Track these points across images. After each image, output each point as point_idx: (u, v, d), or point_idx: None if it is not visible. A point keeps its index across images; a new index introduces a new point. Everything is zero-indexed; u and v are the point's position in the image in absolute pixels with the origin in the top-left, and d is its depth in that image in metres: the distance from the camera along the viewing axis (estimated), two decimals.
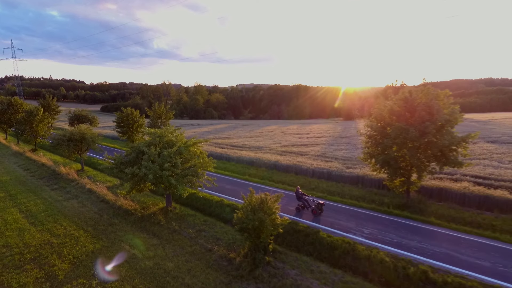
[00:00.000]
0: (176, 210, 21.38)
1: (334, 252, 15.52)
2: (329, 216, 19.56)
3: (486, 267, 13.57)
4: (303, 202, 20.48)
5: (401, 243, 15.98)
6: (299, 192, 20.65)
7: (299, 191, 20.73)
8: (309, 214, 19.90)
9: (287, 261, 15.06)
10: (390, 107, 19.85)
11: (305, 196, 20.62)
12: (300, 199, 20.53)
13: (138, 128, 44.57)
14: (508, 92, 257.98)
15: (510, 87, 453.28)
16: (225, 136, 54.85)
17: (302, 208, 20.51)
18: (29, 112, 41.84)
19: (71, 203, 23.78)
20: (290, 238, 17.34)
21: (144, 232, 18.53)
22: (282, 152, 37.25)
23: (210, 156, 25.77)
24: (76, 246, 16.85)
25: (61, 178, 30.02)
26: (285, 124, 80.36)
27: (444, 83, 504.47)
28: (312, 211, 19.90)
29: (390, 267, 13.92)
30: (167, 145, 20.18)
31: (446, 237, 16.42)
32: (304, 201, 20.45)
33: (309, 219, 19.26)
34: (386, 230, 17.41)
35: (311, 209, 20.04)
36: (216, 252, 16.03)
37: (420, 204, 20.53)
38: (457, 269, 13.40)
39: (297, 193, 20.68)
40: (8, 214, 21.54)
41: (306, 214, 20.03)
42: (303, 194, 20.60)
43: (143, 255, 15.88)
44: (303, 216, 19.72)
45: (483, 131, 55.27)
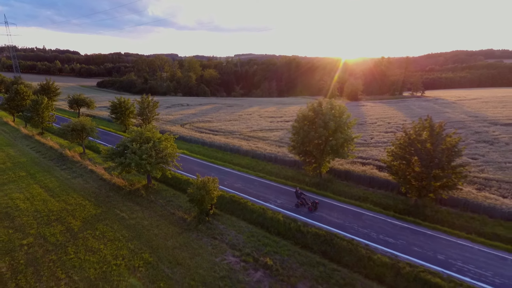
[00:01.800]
0: (155, 186, 29.58)
1: (253, 214, 23.80)
2: (259, 190, 27.78)
3: (338, 224, 21.95)
4: (301, 200, 24.05)
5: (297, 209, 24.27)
6: (298, 192, 24.26)
7: (298, 191, 24.27)
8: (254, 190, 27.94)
9: (221, 220, 23.42)
10: (305, 113, 27.29)
11: (303, 195, 24.18)
12: (299, 197, 24.05)
13: (130, 114, 51.69)
14: (498, 67, 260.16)
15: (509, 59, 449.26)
16: (207, 119, 62.20)
17: (300, 205, 24.03)
18: (35, 101, 48.79)
19: (77, 180, 31.90)
20: (229, 206, 25.54)
21: (130, 202, 26.79)
22: (249, 137, 45.01)
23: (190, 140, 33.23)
24: (84, 211, 25.15)
25: (67, 160, 37.94)
26: (266, 105, 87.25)
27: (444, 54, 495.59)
28: (308, 208, 23.69)
29: (285, 224, 22.18)
30: (146, 140, 27.86)
31: (338, 208, 24.52)
32: (302, 199, 24.01)
33: (244, 192, 27.41)
34: (293, 200, 25.60)
35: (308, 206, 23.75)
36: (177, 215, 24.36)
37: (329, 183, 28.69)
38: (326, 227, 21.77)
39: (297, 192, 24.29)
40: (32, 189, 29.69)
41: (251, 189, 28.15)
42: (301, 194, 24.20)
43: (129, 217, 24.22)
44: (247, 192, 27.83)
45: (436, 114, 62.65)
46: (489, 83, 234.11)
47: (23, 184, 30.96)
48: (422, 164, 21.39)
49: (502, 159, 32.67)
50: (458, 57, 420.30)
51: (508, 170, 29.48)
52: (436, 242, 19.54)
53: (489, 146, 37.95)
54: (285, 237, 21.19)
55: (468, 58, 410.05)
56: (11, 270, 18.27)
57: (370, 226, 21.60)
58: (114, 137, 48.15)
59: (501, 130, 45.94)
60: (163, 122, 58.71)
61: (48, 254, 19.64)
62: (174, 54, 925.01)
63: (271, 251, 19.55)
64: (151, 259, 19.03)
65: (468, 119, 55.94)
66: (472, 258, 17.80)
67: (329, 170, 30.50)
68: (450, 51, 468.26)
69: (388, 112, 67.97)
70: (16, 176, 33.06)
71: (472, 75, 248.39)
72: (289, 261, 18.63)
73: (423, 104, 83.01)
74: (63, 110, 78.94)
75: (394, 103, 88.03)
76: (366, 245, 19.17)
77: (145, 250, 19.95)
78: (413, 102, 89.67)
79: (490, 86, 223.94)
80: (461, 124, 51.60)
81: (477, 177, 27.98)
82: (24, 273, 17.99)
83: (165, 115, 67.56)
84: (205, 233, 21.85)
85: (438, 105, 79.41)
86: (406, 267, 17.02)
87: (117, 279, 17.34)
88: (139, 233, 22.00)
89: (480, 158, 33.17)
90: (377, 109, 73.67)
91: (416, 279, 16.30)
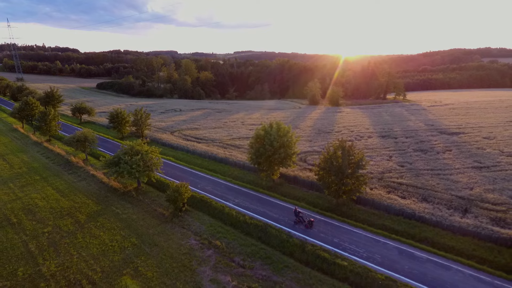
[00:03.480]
0: (143, 189, 37.52)
1: (215, 210, 31.69)
2: (223, 192, 35.68)
3: (275, 217, 29.89)
4: (298, 218, 27.82)
5: (252, 207, 32.22)
6: (296, 211, 28.20)
7: (296, 210, 28.18)
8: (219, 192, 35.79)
9: (190, 215, 31.38)
10: (259, 132, 35.06)
11: (301, 214, 28.03)
12: (297, 216, 27.84)
13: (125, 124, 59.53)
14: (487, 69, 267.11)
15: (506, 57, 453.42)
16: (195, 126, 69.99)
17: (298, 222, 27.68)
18: (43, 113, 56.57)
19: (82, 183, 39.81)
20: (199, 204, 33.40)
21: (123, 201, 34.71)
22: (226, 145, 52.91)
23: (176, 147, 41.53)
24: (87, 208, 33.10)
25: (73, 165, 45.81)
26: (253, 111, 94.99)
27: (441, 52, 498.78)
28: (305, 225, 27.37)
29: (236, 217, 30.08)
30: (135, 153, 35.71)
31: (279, 206, 32.47)
32: (300, 217, 27.74)
33: (212, 194, 35.27)
34: (249, 201, 33.50)
35: (305, 224, 27.39)
36: (158, 211, 32.31)
37: (279, 186, 36.63)
38: (264, 219, 29.72)
39: (295, 211, 28.18)
40: (46, 190, 37.62)
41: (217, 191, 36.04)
42: (299, 212, 28.22)
43: (122, 212, 32.16)
44: (214, 193, 35.69)
45: (399, 122, 70.43)
46: (478, 84, 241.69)
47: (39, 186, 38.90)
48: (335, 174, 29.26)
49: (423, 166, 40.63)
50: (454, 55, 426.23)
51: (422, 176, 37.43)
52: (338, 230, 27.52)
53: (422, 154, 45.86)
54: (235, 227, 29.15)
55: (464, 57, 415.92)
56: (38, 249, 26.23)
57: None
58: (112, 144, 55.96)
59: (443, 139, 53.83)
60: (155, 129, 66.47)
61: (63, 239, 27.61)
62: (174, 51, 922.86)
63: (222, 236, 27.53)
64: (136, 242, 27.00)
65: (423, 128, 63.78)
66: (356, 241, 25.78)
67: (282, 175, 38.47)
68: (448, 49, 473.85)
69: (358, 119, 75.78)
70: (32, 179, 40.99)
71: (462, 76, 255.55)
72: (233, 243, 26.61)
73: (395, 110, 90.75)
74: (66, 116, 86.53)
75: (370, 109, 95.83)
76: (288, 233, 27.11)
77: (132, 236, 27.92)
78: (387, 108, 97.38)
79: (479, 87, 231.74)
80: (413, 133, 59.43)
81: (394, 182, 35.91)
82: (47, 251, 25.95)
83: (158, 122, 75.36)
84: (177, 224, 29.83)
85: (407, 112, 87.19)
86: (309, 246, 24.99)
87: (112, 255, 25.31)
88: (129, 224, 29.96)
89: (406, 166, 41.12)
90: (350, 116, 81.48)
91: (314, 254, 24.25)
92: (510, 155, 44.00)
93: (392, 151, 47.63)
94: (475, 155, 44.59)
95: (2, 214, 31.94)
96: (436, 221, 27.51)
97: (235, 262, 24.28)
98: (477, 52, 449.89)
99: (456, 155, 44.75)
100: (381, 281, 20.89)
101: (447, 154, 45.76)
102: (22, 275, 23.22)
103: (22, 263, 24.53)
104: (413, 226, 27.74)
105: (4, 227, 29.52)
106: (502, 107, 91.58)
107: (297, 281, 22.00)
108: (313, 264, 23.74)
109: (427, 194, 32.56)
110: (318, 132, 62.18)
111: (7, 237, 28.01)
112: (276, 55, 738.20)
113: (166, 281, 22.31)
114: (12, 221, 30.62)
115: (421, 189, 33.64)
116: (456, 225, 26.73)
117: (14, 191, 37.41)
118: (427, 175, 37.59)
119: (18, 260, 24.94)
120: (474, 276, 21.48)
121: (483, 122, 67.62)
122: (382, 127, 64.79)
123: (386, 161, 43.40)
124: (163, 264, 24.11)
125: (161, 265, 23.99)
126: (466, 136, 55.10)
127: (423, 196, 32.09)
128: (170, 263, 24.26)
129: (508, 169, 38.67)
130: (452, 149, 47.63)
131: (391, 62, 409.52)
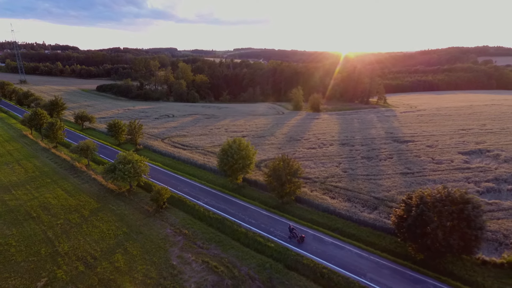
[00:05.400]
0: (134, 190, 47.05)
1: (188, 207, 41.21)
2: (197, 193, 45.19)
3: (232, 213, 39.45)
4: (292, 234, 32.93)
5: (216, 205, 41.76)
6: (290, 228, 33.48)
7: (290, 227, 33.37)
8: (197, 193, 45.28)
9: (169, 211, 40.92)
10: (224, 146, 44.42)
11: (294, 231, 33.07)
12: (291, 232, 32.99)
13: (122, 132, 68.97)
14: (474, 71, 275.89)
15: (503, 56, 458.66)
16: (184, 133, 79.38)
17: (292, 237, 32.72)
18: (51, 123, 65.99)
19: (85, 185, 49.34)
20: (176, 203, 42.87)
21: (118, 200, 44.24)
22: (207, 152, 62.38)
23: (165, 154, 51.30)
24: (90, 205, 42.67)
25: (77, 170, 55.30)
26: (239, 116, 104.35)
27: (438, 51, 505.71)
28: (297, 240, 32.45)
29: (203, 213, 39.60)
30: (128, 162, 45.16)
31: (237, 204, 41.99)
32: (294, 233, 32.84)
33: (188, 194, 44.77)
34: (215, 200, 43.03)
35: (297, 239, 32.41)
36: (144, 208, 41.88)
37: (242, 188, 46.14)
38: (224, 214, 39.28)
39: (289, 228, 33.49)
40: (57, 191, 47.14)
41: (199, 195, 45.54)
42: (292, 229, 33.27)
43: (117, 209, 41.72)
44: (189, 194, 45.18)
45: (364, 130, 79.54)
46: (465, 86, 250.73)
47: (50, 187, 48.47)
48: (276, 180, 38.75)
49: (362, 172, 50.10)
50: (451, 54, 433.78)
51: (356, 181, 46.89)
52: (276, 222, 37.03)
53: (367, 162, 55.29)
54: (201, 220, 38.70)
55: (460, 55, 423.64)
56: (54, 235, 35.80)
57: (250, 215, 39.09)
58: (110, 151, 65.43)
59: (392, 147, 63.19)
60: (148, 136, 75.88)
61: (72, 228, 37.20)
62: (173, 48, 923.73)
63: (190, 227, 37.10)
64: (127, 230, 36.57)
65: (381, 136, 73.09)
66: (286, 230, 35.26)
67: (245, 179, 48.00)
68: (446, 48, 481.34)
69: (329, 127, 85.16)
70: (44, 182, 50.54)
71: (450, 78, 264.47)
72: (197, 231, 36.19)
73: (367, 117, 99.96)
74: (69, 121, 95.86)
75: (346, 115, 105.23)
76: (239, 224, 36.69)
77: (124, 226, 37.49)
78: (361, 115, 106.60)
79: (466, 89, 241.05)
80: (370, 141, 68.79)
81: (332, 185, 45.39)
82: (61, 237, 35.54)
83: (151, 128, 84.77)
84: (158, 218, 39.40)
85: (377, 119, 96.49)
86: (251, 233, 34.54)
87: (108, 240, 34.87)
88: (122, 217, 39.53)
89: (348, 171, 50.57)
90: (324, 123, 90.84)
91: (253, 239, 33.76)
92: (438, 162, 53.40)
93: (344, 158, 57.06)
94: (409, 162, 54.01)
95: (24, 210, 41.52)
96: (348, 215, 37.08)
97: (196, 245, 33.88)
98: (474, 51, 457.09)
99: (393, 162, 54.20)
100: (292, 256, 30.46)
101: (387, 161, 55.17)
102: (44, 253, 32.82)
103: (43, 245, 34.12)
104: (331, 219, 37.32)
105: (27, 220, 39.12)
106: (466, 114, 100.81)
107: (237, 257, 31.60)
108: (252, 246, 33.28)
109: (352, 195, 42.09)
110: (289, 139, 71.54)
111: (30, 227, 37.60)
112: (275, 52, 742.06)
113: (146, 257, 31.91)
114: (32, 215, 40.21)
115: (349, 191, 43.17)
116: (361, 218, 36.29)
117: (31, 191, 46.96)
118: (361, 180, 47.09)
119: (40, 243, 34.53)
120: (357, 253, 31.05)
121: (437, 131, 76.88)
122: (346, 135, 74.18)
123: (335, 167, 52.84)
124: (145, 246, 33.72)
125: (144, 246, 33.60)
126: (413, 145, 64.49)
127: (348, 197, 41.64)
128: (150, 245, 33.86)
129: (428, 175, 48.15)
130: (393, 157, 57.04)
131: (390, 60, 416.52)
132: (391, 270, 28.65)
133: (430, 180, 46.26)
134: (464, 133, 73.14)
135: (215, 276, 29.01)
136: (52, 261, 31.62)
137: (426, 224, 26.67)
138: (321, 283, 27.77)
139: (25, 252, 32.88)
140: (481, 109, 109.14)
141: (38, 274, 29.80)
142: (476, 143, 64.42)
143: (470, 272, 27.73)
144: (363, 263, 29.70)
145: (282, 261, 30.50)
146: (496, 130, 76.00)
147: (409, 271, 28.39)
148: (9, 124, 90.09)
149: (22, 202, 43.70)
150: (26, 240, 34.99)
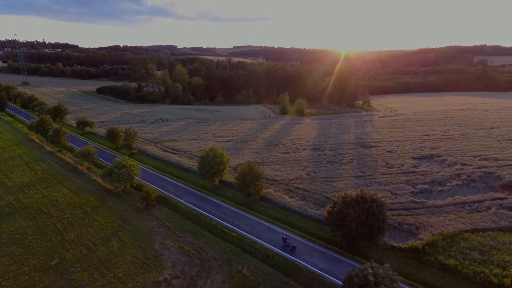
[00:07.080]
0: (128, 190, 55.86)
1: (172, 205, 50.00)
2: (181, 192, 53.96)
3: (207, 209, 48.30)
4: (286, 243, 37.51)
5: (195, 203, 50.57)
6: (284, 238, 38.07)
7: (284, 237, 37.98)
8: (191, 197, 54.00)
9: (156, 208, 49.72)
10: (203, 153, 53.11)
11: (287, 240, 37.65)
12: (284, 241, 37.60)
13: (119, 138, 77.69)
14: (464, 73, 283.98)
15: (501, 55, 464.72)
16: (175, 138, 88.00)
17: (285, 246, 37.25)
18: (56, 130, 74.68)
19: (87, 186, 58.13)
20: (163, 201, 51.58)
21: (114, 199, 53.04)
22: (193, 156, 71.08)
23: (156, 157, 60.49)
24: (91, 203, 51.51)
25: (80, 172, 64.07)
26: (228, 121, 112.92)
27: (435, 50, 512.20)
28: (290, 249, 37.06)
29: (185, 209, 48.38)
30: (123, 166, 53.91)
31: (212, 202, 50.76)
32: (287, 243, 37.45)
33: (173, 194, 53.56)
34: (195, 199, 51.82)
35: (289, 248, 37.12)
36: (136, 205, 50.71)
37: (218, 189, 54.91)
38: (200, 211, 48.17)
39: (282, 238, 38.08)
40: (63, 191, 55.93)
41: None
42: (286, 239, 37.88)
43: (113, 206, 50.54)
44: (174, 194, 53.94)
45: (337, 135, 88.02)
46: (454, 87, 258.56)
47: (57, 187, 57.31)
48: (242, 183, 47.49)
49: (322, 175, 58.78)
50: (448, 54, 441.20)
51: (315, 183, 55.57)
52: (242, 217, 45.82)
53: (329, 166, 63.94)
54: (181, 215, 47.48)
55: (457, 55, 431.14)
56: (62, 227, 44.66)
57: (221, 211, 47.89)
58: (108, 155, 74.14)
59: (356, 152, 71.73)
60: (143, 141, 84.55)
61: (76, 221, 46.05)
62: (173, 46, 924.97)
63: (172, 220, 45.92)
64: (121, 223, 45.40)
65: (351, 141, 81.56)
66: (249, 223, 43.90)
67: (222, 181, 56.79)
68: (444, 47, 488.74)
69: (307, 132, 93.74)
70: (51, 183, 59.36)
71: (439, 80, 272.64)
72: (177, 224, 45.01)
73: (345, 122, 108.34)
74: (71, 126, 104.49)
75: (327, 120, 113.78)
76: (211, 218, 45.50)
77: (118, 220, 46.32)
78: (341, 120, 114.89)
79: (454, 91, 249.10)
80: (339, 146, 77.28)
81: (293, 187, 54.08)
82: (68, 228, 44.39)
83: (146, 133, 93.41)
84: (147, 213, 48.22)
85: (354, 124, 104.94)
86: (220, 225, 43.35)
87: (106, 230, 43.72)
88: (117, 213, 48.36)
89: (311, 175, 59.24)
90: (304, 128, 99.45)
91: (221, 230, 42.58)
92: (390, 166, 62.07)
93: (311, 163, 65.74)
94: (366, 166, 62.68)
95: (36, 206, 50.35)
96: (300, 212, 45.90)
97: (175, 234, 42.75)
98: (471, 50, 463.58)
99: (352, 166, 62.90)
100: (248, 243, 39.30)
101: (347, 165, 63.83)
102: (55, 240, 41.68)
103: (54, 235, 42.96)
104: (286, 215, 46.14)
105: (39, 215, 47.95)
106: (438, 119, 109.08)
107: (206, 244, 40.45)
108: (219, 235, 42.09)
109: (307, 195, 50.87)
110: (268, 144, 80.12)
111: (42, 220, 46.42)
112: (275, 50, 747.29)
113: (135, 243, 40.76)
114: (44, 211, 49.03)
115: (306, 192, 51.94)
116: (309, 214, 45.12)
117: (41, 191, 55.77)
118: (319, 182, 55.81)
119: (51, 233, 43.37)
120: (299, 240, 39.83)
121: (403, 136, 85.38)
122: (320, 140, 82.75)
123: (301, 170, 61.52)
124: (135, 235, 42.58)
125: (134, 235, 42.46)
126: (375, 150, 73.06)
127: (304, 197, 50.43)
128: (139, 234, 42.71)
129: (377, 178, 56.84)
130: (353, 161, 65.72)
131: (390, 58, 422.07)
132: (320, 253, 37.51)
133: (376, 182, 54.97)
134: (426, 139, 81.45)
135: (187, 257, 37.88)
136: (61, 246, 40.46)
137: (345, 217, 35.45)
138: (267, 262, 36.56)
139: (40, 240, 41.74)
140: (454, 114, 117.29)
141: (51, 256, 38.67)
142: (432, 148, 72.87)
143: (380, 254, 36.59)
144: (301, 247, 38.53)
145: (240, 247, 39.32)
146: (456, 136, 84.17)
147: (334, 254, 37.27)
148: (16, 128, 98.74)
149: (34, 200, 52.52)
150: (40, 230, 43.84)
